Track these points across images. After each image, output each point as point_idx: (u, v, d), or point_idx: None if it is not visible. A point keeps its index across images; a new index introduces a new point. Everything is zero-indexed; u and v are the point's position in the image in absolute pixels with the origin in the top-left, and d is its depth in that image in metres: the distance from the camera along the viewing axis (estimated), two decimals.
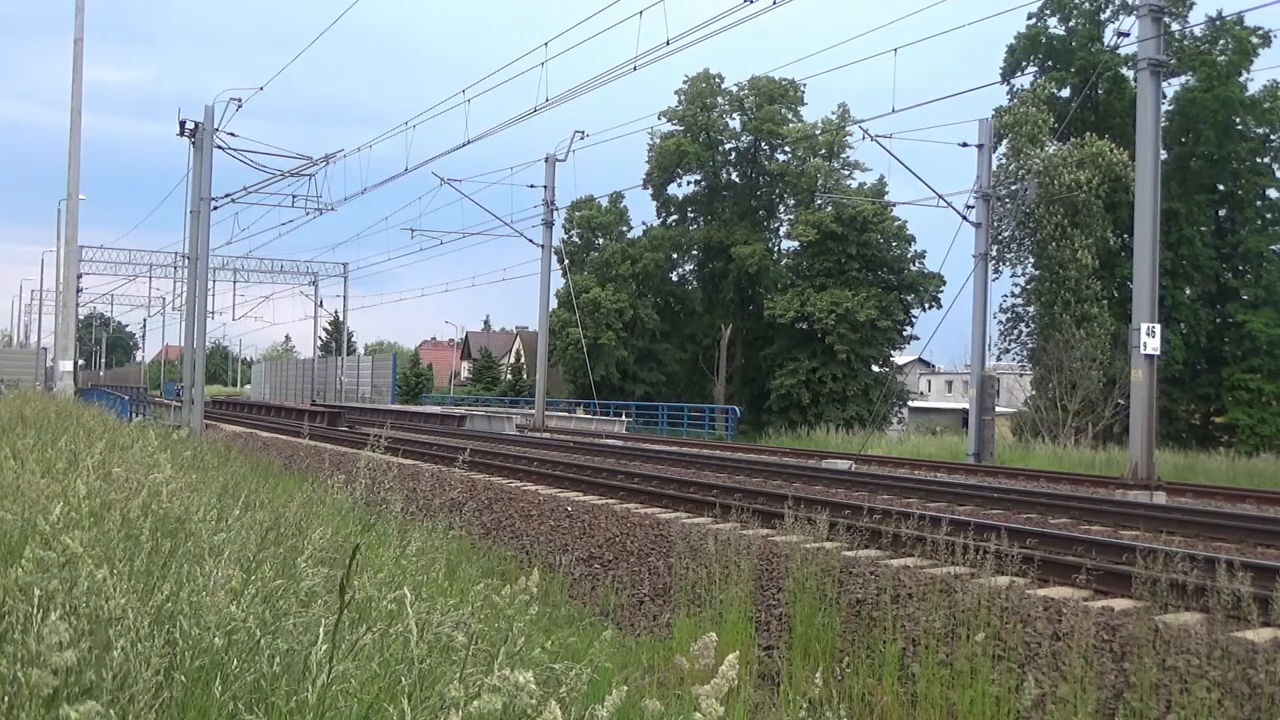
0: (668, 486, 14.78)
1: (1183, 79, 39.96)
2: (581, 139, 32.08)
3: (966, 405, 31.78)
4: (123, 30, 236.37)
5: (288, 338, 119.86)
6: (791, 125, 51.16)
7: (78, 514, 3.66)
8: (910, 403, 53.96)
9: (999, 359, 42.22)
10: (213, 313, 45.14)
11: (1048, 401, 35.49)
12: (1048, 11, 42.45)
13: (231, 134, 25.58)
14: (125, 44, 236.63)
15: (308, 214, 29.51)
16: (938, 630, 7.13)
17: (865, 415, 41.87)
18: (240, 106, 24.88)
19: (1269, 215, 41.05)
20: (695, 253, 54.49)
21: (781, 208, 53.70)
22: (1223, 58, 39.68)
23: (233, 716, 2.64)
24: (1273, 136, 40.66)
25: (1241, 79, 39.43)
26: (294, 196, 28.65)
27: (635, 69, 20.00)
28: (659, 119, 50.93)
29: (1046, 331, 37.41)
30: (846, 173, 49.85)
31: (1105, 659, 6.52)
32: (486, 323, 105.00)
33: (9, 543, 3.77)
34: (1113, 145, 36.21)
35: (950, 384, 77.60)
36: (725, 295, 52.11)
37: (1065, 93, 41.41)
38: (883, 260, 47.35)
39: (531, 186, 35.13)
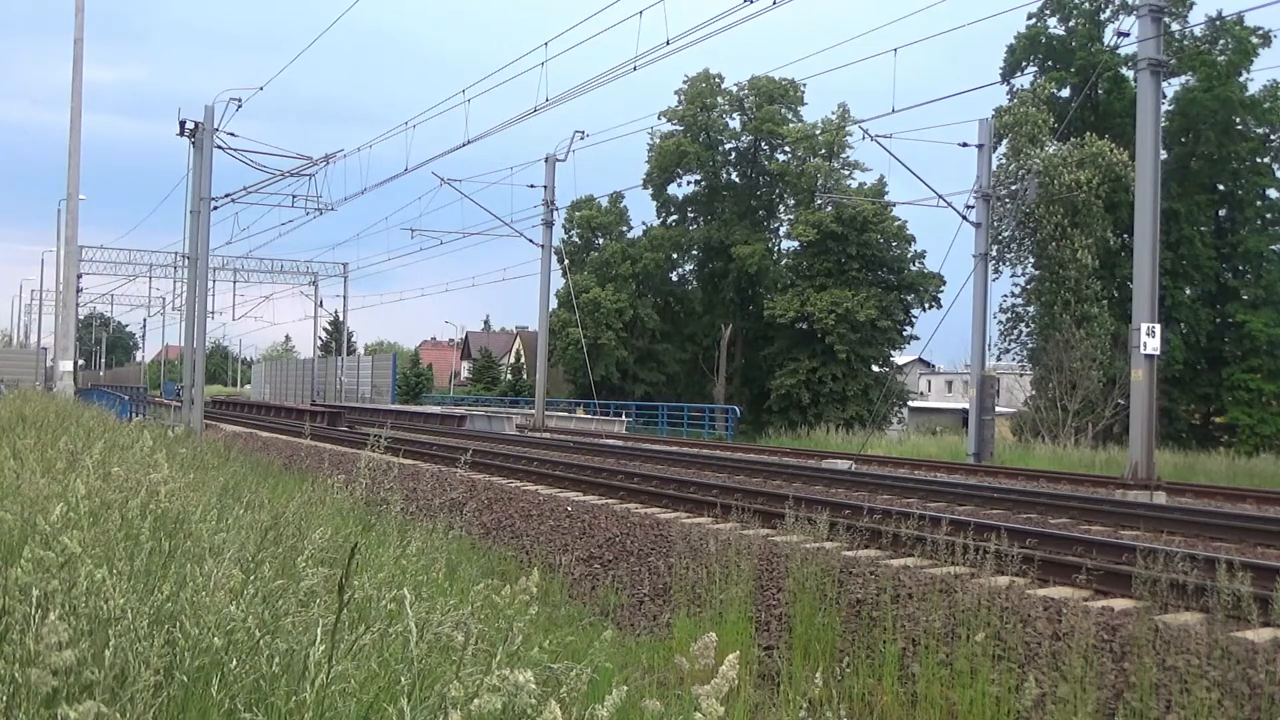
0: (668, 486, 14.78)
1: (1183, 79, 39.96)
2: (581, 139, 32.11)
3: (966, 405, 31.77)
4: (117, 28, 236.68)
5: (288, 338, 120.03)
6: (791, 125, 51.15)
7: (77, 514, 3.66)
8: (910, 403, 53.96)
9: (999, 359, 42.27)
10: (213, 313, 45.22)
11: (1048, 401, 35.49)
12: (1048, 11, 42.45)
13: (231, 134, 25.61)
14: (120, 42, 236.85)
15: (308, 214, 29.53)
16: (938, 630, 7.13)
17: (865, 415, 41.86)
18: (240, 106, 24.91)
19: (1269, 215, 41.06)
20: (695, 253, 54.48)
21: (781, 208, 53.71)
22: (1223, 58, 39.67)
23: (231, 716, 2.64)
24: (1273, 136, 40.66)
25: (1241, 79, 39.43)
26: (294, 196, 28.67)
27: (635, 69, 20.03)
28: (659, 119, 51.02)
29: (1046, 331, 37.40)
30: (846, 173, 49.86)
31: (1105, 659, 6.52)
32: (486, 323, 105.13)
33: (9, 543, 3.77)
34: (1113, 145, 36.20)
35: (950, 384, 77.60)
36: (725, 295, 52.10)
37: (1065, 93, 41.40)
38: (883, 260, 47.36)
39: (531, 186, 35.17)
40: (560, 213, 37.68)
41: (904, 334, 47.96)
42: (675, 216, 54.82)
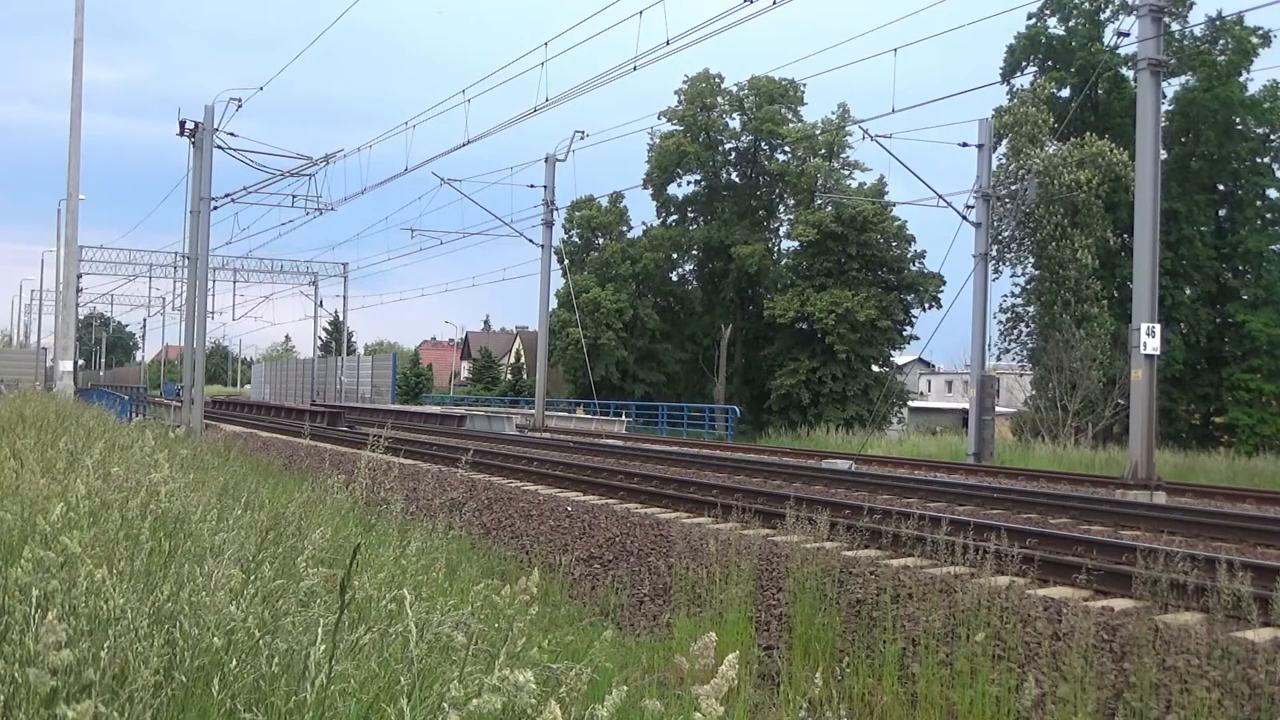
0: (668, 486, 14.78)
1: (1183, 79, 39.97)
2: (581, 139, 32.12)
3: (966, 405, 31.78)
4: (117, 28, 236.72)
5: (288, 338, 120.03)
6: (791, 125, 51.15)
7: (77, 514, 3.66)
8: (910, 403, 53.95)
9: (999, 359, 42.28)
10: (213, 313, 45.20)
11: (1048, 401, 35.49)
12: (1048, 11, 42.45)
13: (231, 134, 25.63)
14: (120, 42, 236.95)
15: (307, 214, 29.58)
16: (938, 630, 7.13)
17: (865, 415, 41.86)
18: (240, 106, 24.93)
19: (1269, 215, 41.06)
20: (695, 253, 54.49)
21: (781, 208, 53.71)
22: (1223, 58, 39.68)
23: (231, 716, 2.64)
24: (1273, 136, 40.66)
25: (1241, 79, 39.44)
26: (294, 196, 28.74)
27: (635, 69, 20.02)
28: (659, 119, 51.04)
29: (1046, 331, 37.42)
30: (846, 173, 49.86)
31: (1105, 659, 6.52)
32: (486, 323, 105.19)
33: (9, 543, 3.77)
34: (1113, 145, 36.20)
35: (950, 384, 77.61)
36: (725, 295, 52.10)
37: (1065, 93, 41.40)
38: (883, 260, 47.36)
39: (531, 186, 35.18)
40: (560, 213, 37.70)
41: (904, 334, 47.96)
42: (675, 216, 54.83)
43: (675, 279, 55.22)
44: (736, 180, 54.24)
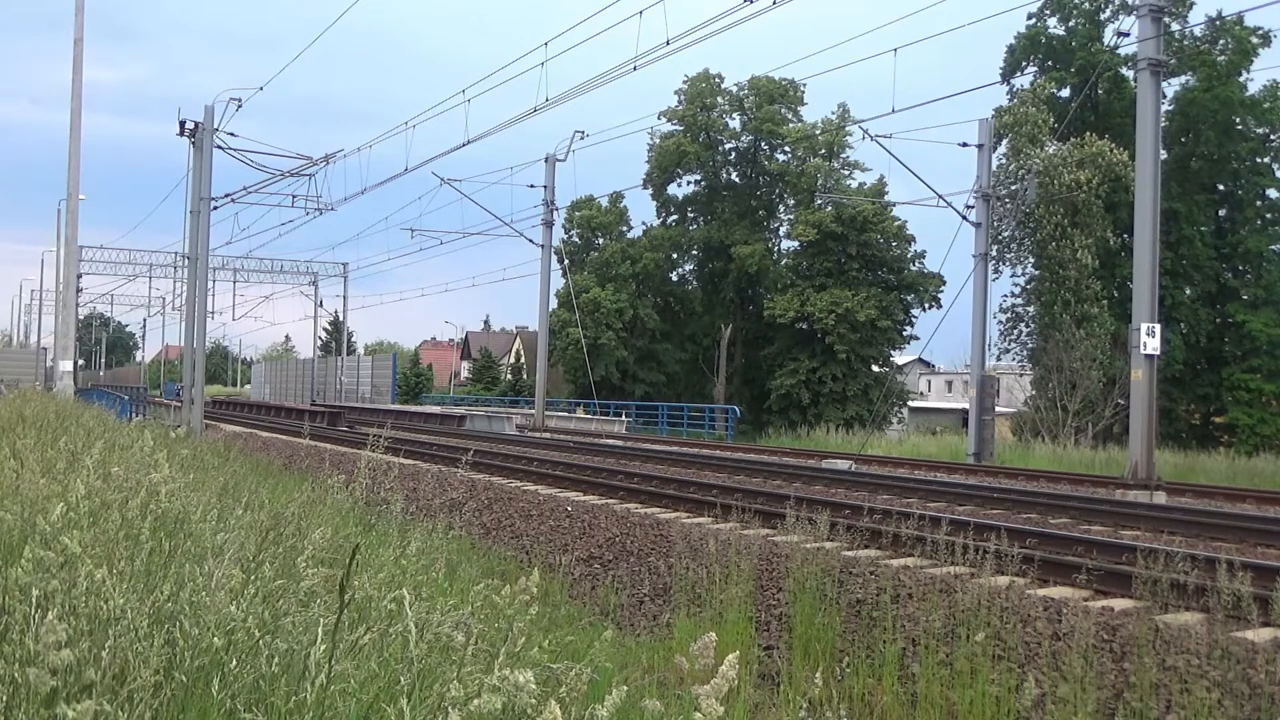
0: (668, 486, 14.78)
1: (1183, 79, 39.98)
2: (581, 139, 32.11)
3: (966, 405, 31.78)
4: (117, 28, 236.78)
5: (288, 338, 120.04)
6: (791, 125, 51.15)
7: (77, 514, 3.66)
8: (910, 403, 53.94)
9: (999, 359, 42.26)
10: (213, 313, 45.19)
11: (1048, 401, 35.49)
12: (1048, 11, 42.45)
13: (231, 134, 25.63)
14: (120, 42, 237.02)
15: (307, 214, 29.59)
16: (938, 630, 7.12)
17: (865, 415, 41.86)
18: (240, 106, 24.93)
19: (1269, 215, 41.06)
20: (695, 253, 54.49)
21: (781, 208, 53.71)
22: (1223, 58, 39.68)
23: (231, 716, 2.64)
24: (1273, 136, 40.66)
25: (1241, 79, 39.45)
26: (294, 196, 28.74)
27: (635, 69, 20.02)
28: (659, 119, 51.04)
29: (1046, 331, 37.42)
30: (846, 173, 49.86)
31: (1105, 659, 6.52)
32: (486, 323, 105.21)
33: (9, 543, 3.77)
34: (1113, 145, 36.20)
35: (950, 384, 77.60)
36: (725, 295, 52.10)
37: (1065, 93, 41.41)
38: (883, 260, 47.36)
39: (531, 186, 35.18)
40: (560, 213, 37.70)
41: (904, 334, 47.95)
42: (675, 216, 54.83)
43: (675, 279, 55.23)
44: (736, 180, 54.23)
